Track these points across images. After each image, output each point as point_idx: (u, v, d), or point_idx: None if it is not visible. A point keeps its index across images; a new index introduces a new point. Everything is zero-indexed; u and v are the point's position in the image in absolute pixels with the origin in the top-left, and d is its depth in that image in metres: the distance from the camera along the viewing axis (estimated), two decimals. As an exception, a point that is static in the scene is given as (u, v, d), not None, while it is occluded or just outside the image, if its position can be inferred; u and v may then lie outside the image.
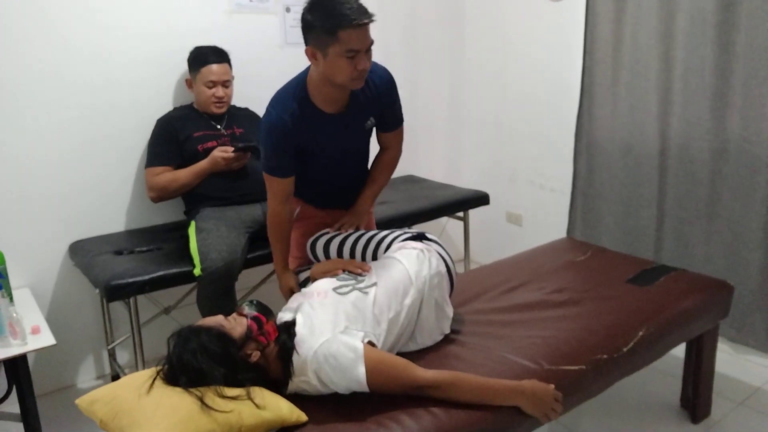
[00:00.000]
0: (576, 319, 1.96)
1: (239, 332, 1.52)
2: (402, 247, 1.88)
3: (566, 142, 3.27)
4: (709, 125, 2.66)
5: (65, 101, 2.48)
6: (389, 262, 1.82)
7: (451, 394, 1.52)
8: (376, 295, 1.70)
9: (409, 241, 1.90)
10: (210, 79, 2.56)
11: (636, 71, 2.90)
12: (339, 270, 1.86)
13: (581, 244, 2.63)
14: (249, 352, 1.51)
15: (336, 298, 1.68)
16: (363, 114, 2.02)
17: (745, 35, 2.49)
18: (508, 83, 3.60)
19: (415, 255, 1.82)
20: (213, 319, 1.55)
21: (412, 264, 1.79)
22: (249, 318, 1.56)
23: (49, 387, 2.61)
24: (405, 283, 1.75)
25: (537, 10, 3.32)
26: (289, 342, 1.56)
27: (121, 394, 1.43)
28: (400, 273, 1.77)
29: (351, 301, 1.67)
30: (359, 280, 1.77)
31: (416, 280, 1.76)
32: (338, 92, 1.91)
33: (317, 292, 1.72)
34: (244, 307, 1.61)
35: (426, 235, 1.96)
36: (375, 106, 2.03)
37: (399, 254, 1.84)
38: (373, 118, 2.06)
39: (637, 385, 2.40)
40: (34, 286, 2.49)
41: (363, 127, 2.06)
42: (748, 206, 2.59)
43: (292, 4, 3.00)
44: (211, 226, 2.36)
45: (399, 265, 1.79)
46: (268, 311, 1.62)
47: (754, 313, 2.63)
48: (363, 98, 1.99)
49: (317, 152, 2.03)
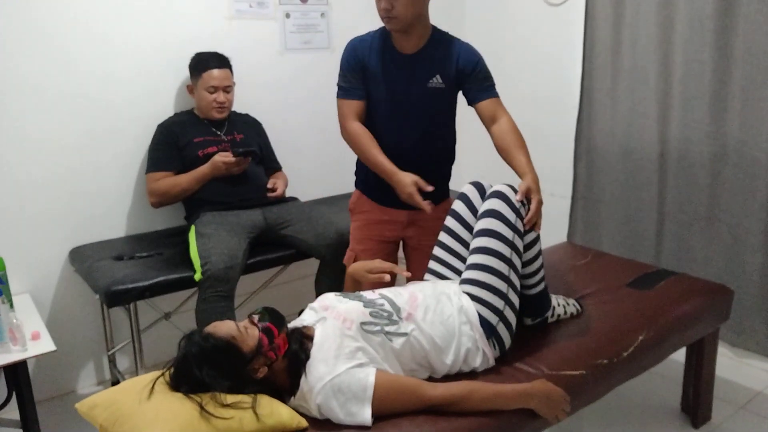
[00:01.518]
0: (576, 324, 1.97)
1: (249, 346, 1.47)
2: (472, 297, 1.73)
3: (566, 146, 3.28)
4: (708, 129, 2.66)
5: (66, 106, 2.49)
6: (442, 311, 1.69)
7: (464, 406, 1.51)
8: (402, 347, 1.60)
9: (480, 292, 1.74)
10: (211, 84, 2.56)
11: (635, 76, 2.90)
12: (384, 276, 1.76)
13: (581, 249, 2.63)
14: (256, 368, 1.48)
15: (360, 333, 1.57)
16: (432, 66, 2.05)
17: (743, 40, 2.50)
18: (508, 88, 3.57)
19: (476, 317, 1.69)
20: (225, 328, 1.49)
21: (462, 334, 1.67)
22: (260, 329, 1.51)
23: (49, 393, 2.61)
24: (439, 348, 1.64)
25: (536, 15, 3.33)
26: (300, 356, 1.52)
27: (121, 398, 1.43)
28: (441, 334, 1.64)
29: (374, 342, 1.58)
30: (392, 320, 1.63)
31: (456, 349, 1.66)
32: (413, 38, 2.03)
33: (344, 318, 1.59)
34: (256, 315, 1.55)
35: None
36: (449, 69, 2.06)
37: (463, 307, 1.71)
38: (442, 80, 2.06)
39: (638, 389, 2.39)
40: (34, 291, 2.49)
41: (428, 78, 2.05)
42: (748, 210, 2.59)
43: (292, 10, 3.01)
44: (212, 231, 2.36)
45: (449, 325, 1.66)
46: (280, 321, 1.56)
47: (754, 317, 2.63)
48: (439, 54, 2.06)
49: (382, 88, 2.07)
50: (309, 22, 3.07)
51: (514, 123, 2.07)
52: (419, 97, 2.07)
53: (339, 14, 3.14)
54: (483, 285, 1.73)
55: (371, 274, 1.80)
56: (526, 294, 1.89)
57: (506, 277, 1.74)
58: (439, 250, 1.94)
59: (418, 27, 2.01)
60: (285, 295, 2.96)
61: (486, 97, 2.09)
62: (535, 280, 1.88)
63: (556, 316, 1.97)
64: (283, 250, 2.52)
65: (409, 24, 1.97)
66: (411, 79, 2.06)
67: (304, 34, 3.06)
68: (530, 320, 1.94)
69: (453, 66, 2.06)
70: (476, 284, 1.74)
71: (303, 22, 3.05)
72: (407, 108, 2.08)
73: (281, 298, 2.95)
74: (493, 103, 2.09)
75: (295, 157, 3.08)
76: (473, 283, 1.75)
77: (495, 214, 1.78)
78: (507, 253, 1.75)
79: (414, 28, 2.00)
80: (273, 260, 2.51)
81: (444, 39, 2.09)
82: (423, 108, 2.09)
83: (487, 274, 1.74)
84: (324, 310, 1.65)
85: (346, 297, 1.70)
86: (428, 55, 2.05)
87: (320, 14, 3.10)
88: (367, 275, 1.81)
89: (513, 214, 1.78)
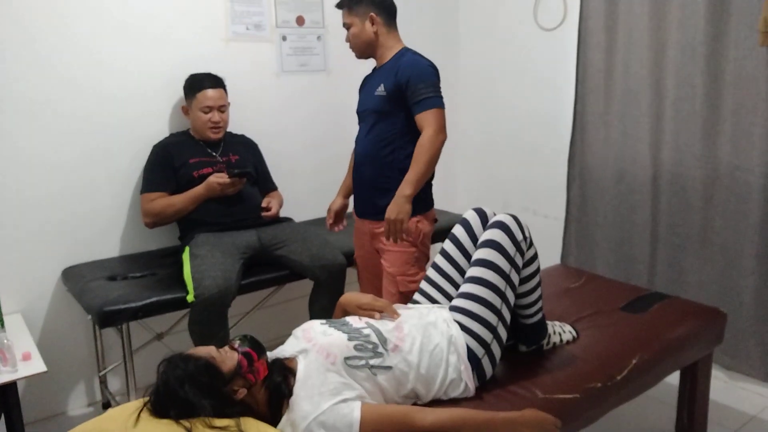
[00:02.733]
0: (570, 347, 1.96)
1: (228, 366, 1.48)
2: (462, 327, 1.73)
3: (560, 168, 3.30)
4: (700, 153, 2.69)
5: (60, 126, 2.49)
6: (429, 341, 1.68)
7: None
8: (387, 381, 1.59)
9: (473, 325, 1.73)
10: (206, 104, 2.58)
11: (628, 100, 2.94)
12: (374, 313, 1.75)
13: (575, 271, 2.63)
14: (236, 389, 1.48)
15: (344, 368, 1.55)
16: (381, 78, 2.29)
17: (733, 65, 2.54)
18: (501, 110, 3.64)
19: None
20: (204, 349, 1.52)
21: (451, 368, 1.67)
22: (240, 353, 1.52)
23: (39, 414, 2.58)
24: (424, 378, 1.63)
25: (530, 38, 3.37)
26: (283, 389, 1.52)
27: (108, 427, 1.41)
28: (427, 365, 1.64)
29: (359, 377, 1.56)
30: (377, 352, 1.61)
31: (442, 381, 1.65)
32: (378, 58, 2.35)
33: (327, 353, 1.57)
34: (236, 341, 1.56)
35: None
36: (390, 80, 2.24)
37: (453, 336, 1.70)
38: (385, 90, 2.24)
39: (632, 413, 2.38)
40: (26, 311, 2.47)
41: (376, 88, 2.28)
42: (741, 233, 2.61)
43: (289, 33, 3.04)
44: (206, 252, 2.35)
45: (435, 355, 1.66)
46: (260, 348, 1.56)
47: (748, 340, 2.63)
48: (388, 67, 2.28)
49: (359, 102, 2.44)
50: (305, 44, 3.10)
51: (426, 138, 2.17)
52: (368, 106, 2.34)
53: (335, 37, 3.17)
54: (474, 316, 1.73)
55: (361, 309, 1.79)
56: (523, 323, 1.89)
57: (498, 311, 1.74)
58: (434, 273, 1.94)
59: (378, 49, 2.32)
60: (279, 315, 2.95)
61: (417, 111, 2.20)
62: (533, 311, 1.88)
63: (552, 344, 1.97)
64: (277, 271, 2.51)
65: (364, 51, 2.34)
66: (368, 90, 2.36)
67: (301, 57, 3.09)
68: (525, 347, 1.94)
69: (393, 78, 2.23)
70: (467, 314, 1.73)
71: (299, 45, 3.08)
72: (362, 116, 2.40)
73: (275, 318, 2.94)
74: (420, 118, 2.20)
75: (291, 178, 3.09)
76: (464, 312, 1.74)
77: (494, 245, 1.78)
78: (502, 286, 1.75)
79: (373, 50, 2.33)
80: (267, 281, 2.50)
81: (402, 54, 2.29)
82: (371, 116, 2.32)
83: (480, 305, 1.73)
84: (307, 341, 1.64)
85: (331, 326, 1.68)
86: (384, 69, 2.30)
87: (317, 37, 3.13)
88: (358, 311, 1.80)
89: (513, 248, 1.78)
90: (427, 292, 1.93)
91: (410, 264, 2.29)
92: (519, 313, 1.87)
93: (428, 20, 3.58)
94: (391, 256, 2.29)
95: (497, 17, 3.54)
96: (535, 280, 1.87)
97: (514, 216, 1.83)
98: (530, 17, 3.35)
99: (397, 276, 2.28)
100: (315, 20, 3.12)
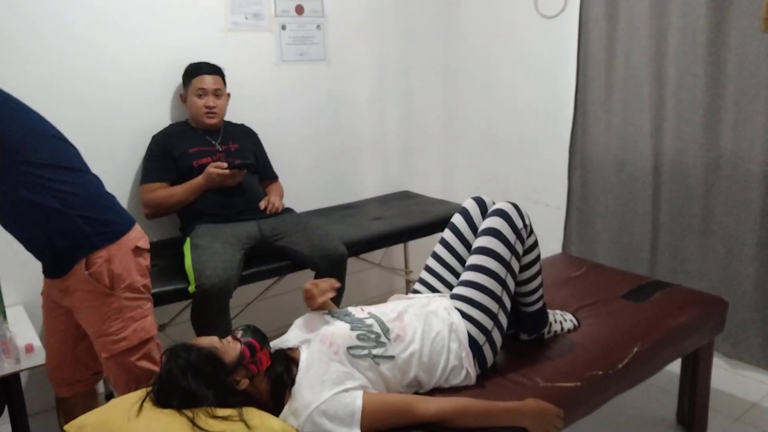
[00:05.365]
0: (571, 336, 1.97)
1: (231, 357, 1.49)
2: (463, 314, 1.74)
3: (561, 157, 3.29)
4: (701, 141, 2.68)
5: (59, 117, 2.47)
6: (430, 329, 1.69)
7: (456, 424, 1.51)
8: (390, 371, 1.60)
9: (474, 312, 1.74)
10: (200, 87, 2.57)
11: (629, 88, 2.92)
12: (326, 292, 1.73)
13: (576, 260, 2.63)
14: (238, 379, 1.48)
15: (347, 357, 1.56)
16: None
17: (735, 53, 2.52)
18: (503, 99, 3.63)
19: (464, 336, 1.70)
20: (207, 340, 1.52)
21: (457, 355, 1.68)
22: (243, 343, 1.52)
23: (42, 406, 2.58)
24: (427, 366, 1.65)
25: (530, 27, 3.36)
26: (285, 379, 1.53)
27: (110, 417, 1.41)
28: (429, 353, 1.65)
29: (362, 367, 1.57)
30: (380, 342, 1.62)
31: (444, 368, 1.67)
32: None
33: (330, 342, 1.58)
34: (239, 331, 1.56)
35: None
36: None
37: (454, 324, 1.71)
38: None
39: (633, 401, 2.39)
40: (28, 303, 2.47)
41: None
42: (742, 221, 2.60)
43: (288, 22, 3.02)
44: (207, 242, 2.35)
45: (437, 343, 1.67)
46: (263, 338, 1.57)
47: (749, 328, 2.63)
48: None
49: None
50: (305, 34, 3.08)
51: None
52: None
53: (334, 26, 3.16)
54: (474, 303, 1.73)
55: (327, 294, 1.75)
56: (524, 311, 1.89)
57: (498, 298, 1.75)
58: (433, 262, 1.94)
59: None
60: (280, 306, 2.95)
61: None
62: (534, 298, 1.88)
63: (553, 333, 1.97)
64: (278, 262, 2.51)
65: None
66: None
67: (300, 46, 3.07)
68: (526, 336, 1.94)
69: None
70: (468, 302, 1.74)
71: (299, 34, 3.06)
72: None
73: (276, 309, 2.94)
74: None
75: (291, 168, 3.08)
76: (465, 300, 1.75)
77: (494, 233, 1.78)
78: (502, 273, 1.76)
79: None
80: (268, 272, 2.50)
81: None
82: None
83: (480, 293, 1.74)
84: (310, 331, 1.64)
85: (333, 316, 1.69)
86: None
87: (316, 26, 3.12)
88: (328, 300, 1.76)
89: (513, 235, 1.78)
90: (427, 282, 1.93)
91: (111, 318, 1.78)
92: (520, 301, 1.87)
93: (429, 8, 3.56)
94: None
95: (498, 5, 3.52)
96: (536, 268, 1.87)
97: (514, 204, 1.83)
98: (531, 5, 3.33)
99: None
100: (314, 9, 3.10)
